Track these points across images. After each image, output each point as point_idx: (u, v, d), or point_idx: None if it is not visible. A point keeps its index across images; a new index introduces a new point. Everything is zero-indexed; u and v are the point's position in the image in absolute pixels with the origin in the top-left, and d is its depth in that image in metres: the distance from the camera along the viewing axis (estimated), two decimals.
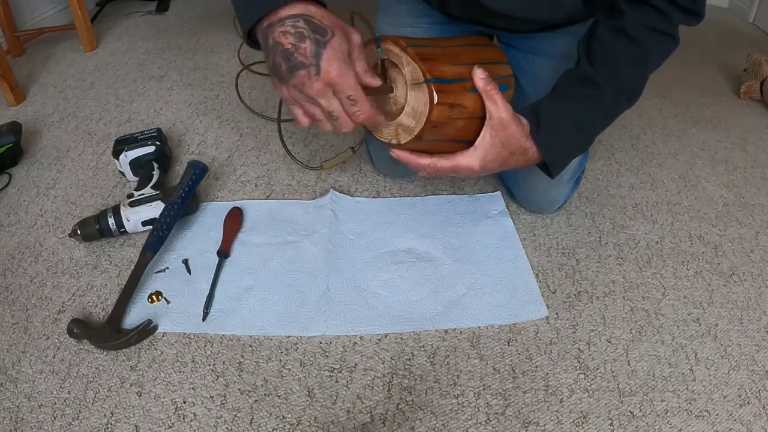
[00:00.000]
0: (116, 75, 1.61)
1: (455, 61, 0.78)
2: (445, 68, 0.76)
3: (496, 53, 0.89)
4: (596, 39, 0.80)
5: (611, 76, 0.79)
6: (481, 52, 0.86)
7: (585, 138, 0.84)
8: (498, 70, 0.85)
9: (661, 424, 0.74)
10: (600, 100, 0.80)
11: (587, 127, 0.82)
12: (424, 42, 0.79)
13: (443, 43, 0.82)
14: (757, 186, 1.19)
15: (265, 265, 0.96)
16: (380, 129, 0.81)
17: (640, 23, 0.76)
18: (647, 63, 0.80)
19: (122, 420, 0.74)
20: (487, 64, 0.80)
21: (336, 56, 0.62)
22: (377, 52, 0.78)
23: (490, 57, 0.86)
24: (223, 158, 1.24)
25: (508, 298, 0.91)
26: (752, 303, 0.92)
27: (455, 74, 0.76)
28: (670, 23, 0.77)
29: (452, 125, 0.77)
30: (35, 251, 1.00)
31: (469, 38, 0.90)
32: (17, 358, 0.82)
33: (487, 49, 0.88)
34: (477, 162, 0.77)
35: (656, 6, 0.75)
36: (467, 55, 0.81)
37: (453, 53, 0.80)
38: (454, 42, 0.85)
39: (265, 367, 0.81)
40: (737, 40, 1.90)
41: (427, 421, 0.74)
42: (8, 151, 1.19)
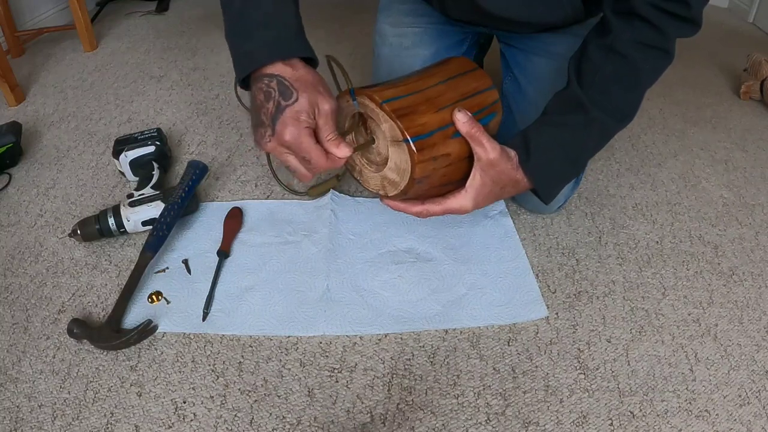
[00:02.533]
0: (116, 75, 1.61)
1: (435, 107, 0.75)
2: (425, 119, 0.74)
3: (480, 79, 0.83)
4: (586, 59, 0.78)
5: (601, 99, 0.76)
6: (463, 84, 0.81)
7: (575, 165, 0.84)
8: (483, 100, 0.82)
9: (661, 424, 0.74)
10: (589, 125, 0.78)
11: (577, 153, 0.82)
12: (400, 89, 0.76)
13: (421, 84, 0.78)
14: (757, 186, 1.19)
15: (265, 265, 0.96)
16: (367, 180, 0.82)
17: (632, 40, 0.73)
18: (639, 82, 0.78)
19: (122, 420, 0.74)
20: (471, 97, 0.79)
21: (291, 121, 0.65)
22: (354, 105, 0.77)
23: (473, 87, 0.81)
24: (223, 158, 1.24)
25: (508, 298, 0.91)
26: (752, 303, 0.92)
27: (436, 123, 0.74)
28: (663, 37, 0.74)
29: (438, 174, 0.77)
30: (35, 251, 1.00)
31: (449, 65, 0.84)
32: (17, 358, 0.82)
33: (469, 77, 0.83)
34: (469, 202, 0.78)
35: (648, 19, 0.72)
36: (448, 94, 0.78)
37: (432, 96, 0.76)
38: (432, 77, 0.80)
39: (265, 367, 0.81)
40: (737, 40, 1.90)
41: (427, 421, 0.74)
42: (8, 151, 1.19)
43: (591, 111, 0.77)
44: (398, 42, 1.10)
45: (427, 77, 0.80)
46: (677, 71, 1.65)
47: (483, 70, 0.84)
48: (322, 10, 2.03)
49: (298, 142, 0.65)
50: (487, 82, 0.83)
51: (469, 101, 0.78)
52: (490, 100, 0.82)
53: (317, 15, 1.99)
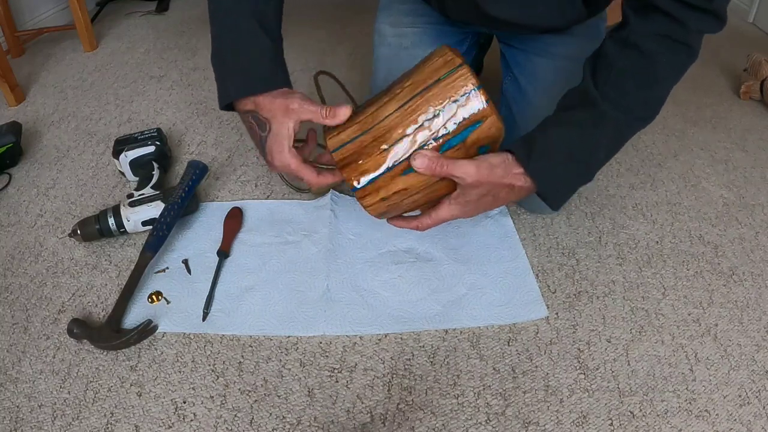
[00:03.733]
0: (116, 75, 1.61)
1: (381, 145, 0.70)
2: (368, 165, 0.70)
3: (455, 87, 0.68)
4: (602, 54, 0.72)
5: (615, 96, 0.71)
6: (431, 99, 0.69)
7: (586, 168, 0.76)
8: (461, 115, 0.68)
9: (661, 424, 0.74)
10: (600, 123, 0.72)
11: (587, 155, 0.74)
12: (355, 127, 0.71)
13: (378, 115, 0.70)
14: (757, 186, 1.19)
15: (265, 265, 0.96)
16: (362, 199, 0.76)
17: (649, 32, 0.68)
18: (656, 78, 0.72)
19: (122, 420, 0.74)
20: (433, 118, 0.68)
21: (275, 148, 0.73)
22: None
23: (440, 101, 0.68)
24: (223, 158, 1.24)
25: (508, 298, 0.91)
26: (752, 303, 0.92)
27: (378, 166, 0.70)
28: (683, 30, 0.68)
29: (403, 205, 0.75)
30: (35, 251, 1.00)
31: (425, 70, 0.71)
32: (17, 358, 0.82)
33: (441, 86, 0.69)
34: (458, 211, 0.74)
35: (666, 11, 0.66)
36: (399, 128, 0.69)
37: (380, 134, 0.70)
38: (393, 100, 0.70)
39: (265, 367, 0.81)
40: (737, 40, 1.90)
41: (427, 421, 0.74)
42: (8, 151, 1.19)
43: (602, 106, 0.71)
44: (397, 42, 1.10)
45: (388, 102, 0.71)
46: None
47: (466, 69, 0.68)
48: (322, 11, 2.03)
49: (286, 167, 0.74)
50: (464, 87, 0.68)
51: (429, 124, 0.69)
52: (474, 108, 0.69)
53: (318, 15, 1.98)
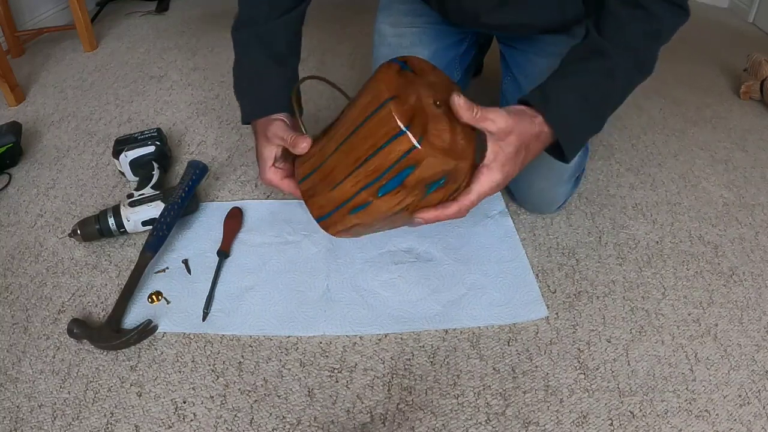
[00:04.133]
0: (116, 75, 1.61)
1: (330, 185, 0.68)
2: (323, 201, 0.70)
3: (384, 124, 0.61)
4: (608, 12, 0.75)
5: (624, 48, 0.74)
6: (367, 136, 0.63)
7: (597, 113, 0.78)
8: (384, 158, 0.62)
9: (661, 424, 0.74)
10: (611, 72, 0.74)
11: (598, 102, 0.76)
12: (313, 160, 0.70)
13: (325, 151, 0.68)
14: (757, 186, 1.19)
15: (265, 265, 0.96)
16: None
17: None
18: (660, 35, 0.76)
19: (122, 420, 0.74)
20: (366, 162, 0.64)
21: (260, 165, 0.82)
22: None
23: (371, 143, 0.63)
24: (223, 158, 1.24)
25: (508, 298, 0.91)
26: (752, 303, 0.92)
27: (332, 205, 0.69)
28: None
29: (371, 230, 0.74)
30: (35, 251, 1.00)
31: (362, 101, 0.65)
32: (17, 358, 0.82)
33: (375, 121, 0.62)
34: (500, 175, 0.68)
35: None
36: (340, 167, 0.66)
37: (327, 172, 0.68)
38: (336, 135, 0.67)
39: (265, 367, 0.81)
40: (737, 40, 1.90)
41: (427, 421, 0.74)
42: (8, 151, 1.19)
43: (613, 57, 0.73)
44: (397, 42, 1.10)
45: (331, 138, 0.68)
46: (677, 71, 1.66)
47: (393, 105, 0.60)
48: (323, 11, 2.03)
49: (268, 182, 0.82)
50: (390, 129, 0.60)
51: (364, 167, 0.64)
52: (397, 152, 0.61)
53: (318, 16, 1.98)
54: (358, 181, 0.65)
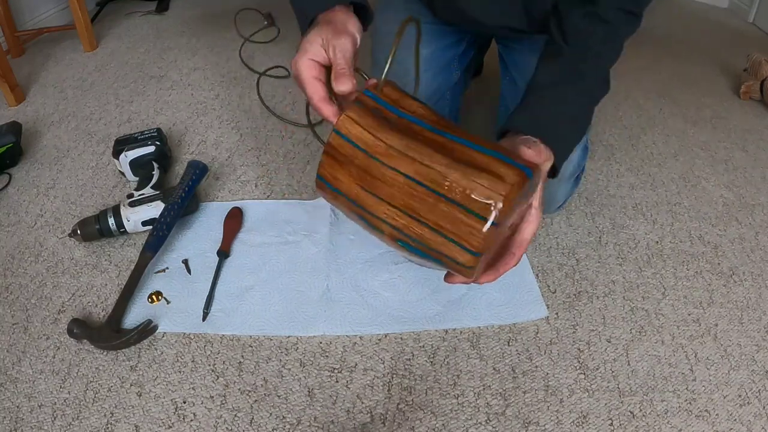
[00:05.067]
0: (116, 75, 1.61)
1: (399, 204, 0.57)
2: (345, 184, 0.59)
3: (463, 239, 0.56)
4: (573, 29, 0.78)
5: (594, 64, 0.78)
6: (439, 214, 0.56)
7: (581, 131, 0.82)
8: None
9: (661, 424, 0.74)
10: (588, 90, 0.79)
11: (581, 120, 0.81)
12: (366, 137, 0.58)
13: (392, 154, 0.57)
14: (757, 186, 1.19)
15: (265, 265, 0.96)
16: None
17: (614, 7, 0.76)
18: (621, 45, 0.80)
19: (122, 420, 0.74)
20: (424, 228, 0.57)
21: (300, 52, 0.64)
22: None
23: (446, 230, 0.56)
24: (223, 158, 1.24)
25: (508, 298, 0.90)
26: (752, 303, 0.92)
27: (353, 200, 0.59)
28: (637, 4, 0.77)
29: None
30: (35, 251, 1.00)
31: (459, 168, 0.56)
32: (17, 358, 0.82)
33: (454, 215, 0.56)
34: (540, 217, 0.69)
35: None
36: (397, 197, 0.57)
37: (379, 178, 0.58)
38: (415, 163, 0.57)
39: (265, 367, 0.81)
40: (737, 40, 1.90)
41: (427, 421, 0.74)
42: (8, 151, 1.19)
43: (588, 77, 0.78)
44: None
45: (410, 157, 0.57)
46: (677, 71, 1.66)
47: (491, 229, 0.55)
48: None
49: (297, 71, 0.65)
50: (472, 244, 0.56)
51: (415, 223, 0.57)
52: (452, 253, 0.57)
53: None
54: (395, 219, 0.58)
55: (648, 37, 1.83)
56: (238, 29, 1.83)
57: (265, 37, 1.80)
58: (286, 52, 1.71)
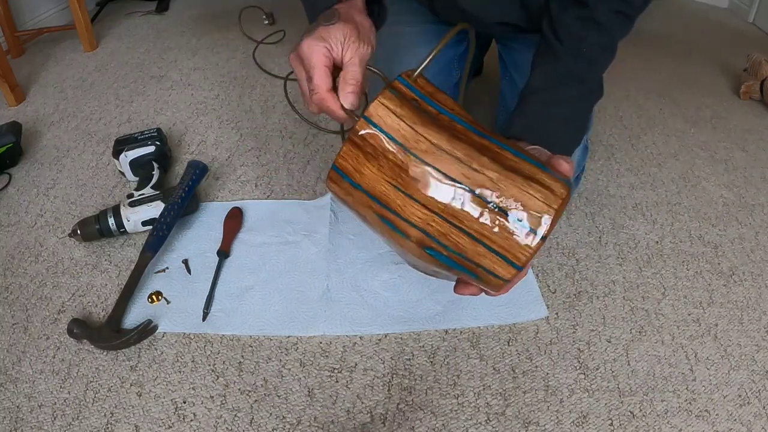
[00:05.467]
0: (116, 75, 1.61)
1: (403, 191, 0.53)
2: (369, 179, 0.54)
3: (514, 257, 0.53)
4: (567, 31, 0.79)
5: (590, 69, 0.79)
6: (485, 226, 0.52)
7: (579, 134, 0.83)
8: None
9: (661, 424, 0.74)
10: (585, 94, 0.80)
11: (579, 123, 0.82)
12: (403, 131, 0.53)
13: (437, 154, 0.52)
14: (757, 186, 1.19)
15: (265, 265, 0.96)
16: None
17: (608, 9, 0.76)
18: (615, 48, 0.80)
19: (122, 420, 0.74)
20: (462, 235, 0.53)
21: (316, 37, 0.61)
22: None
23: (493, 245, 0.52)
24: (223, 158, 1.24)
25: (508, 298, 0.90)
26: (752, 303, 0.92)
27: (401, 209, 0.53)
28: (631, 7, 0.77)
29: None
30: (35, 251, 1.00)
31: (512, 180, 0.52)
32: (17, 358, 0.82)
33: (503, 233, 0.52)
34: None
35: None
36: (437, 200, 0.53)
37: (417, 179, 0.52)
38: (461, 165, 0.52)
39: (265, 367, 0.81)
40: (737, 40, 1.90)
41: (427, 421, 0.74)
42: (8, 151, 1.19)
43: (585, 80, 0.78)
44: (394, 41, 1.10)
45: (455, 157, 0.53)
46: (677, 71, 1.66)
47: (538, 244, 0.52)
48: None
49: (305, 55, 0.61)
50: (516, 258, 0.52)
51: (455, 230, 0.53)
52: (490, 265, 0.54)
53: None
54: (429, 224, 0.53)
55: (648, 37, 1.83)
56: (243, 30, 1.83)
57: (271, 38, 1.80)
58: (286, 53, 1.71)
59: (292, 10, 1.98)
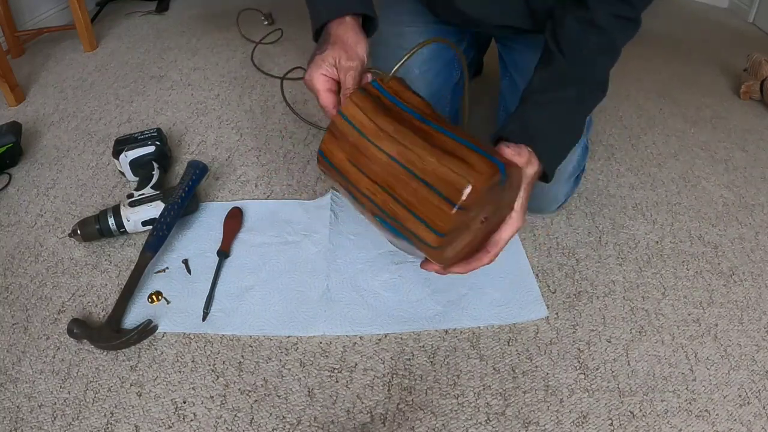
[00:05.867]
0: (116, 75, 1.61)
1: (359, 167, 0.65)
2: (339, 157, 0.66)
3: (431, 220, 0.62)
4: (567, 34, 0.80)
5: (588, 71, 0.80)
6: (413, 197, 0.62)
7: (572, 137, 0.84)
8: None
9: (661, 424, 0.74)
10: (580, 97, 0.80)
11: (572, 126, 0.83)
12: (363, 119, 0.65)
13: (380, 136, 0.64)
14: (757, 186, 1.19)
15: (265, 265, 0.96)
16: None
17: (608, 13, 0.77)
18: (616, 51, 0.81)
19: (122, 420, 0.74)
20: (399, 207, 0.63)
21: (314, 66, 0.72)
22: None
23: (418, 211, 0.62)
24: (223, 158, 1.24)
25: (508, 298, 0.90)
26: (752, 303, 0.92)
27: (344, 173, 0.66)
28: (632, 8, 0.78)
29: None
30: (35, 251, 1.00)
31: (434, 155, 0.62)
32: (17, 358, 0.82)
33: (427, 199, 0.62)
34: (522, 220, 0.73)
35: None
36: (381, 174, 0.64)
37: (368, 157, 0.64)
38: (397, 144, 0.63)
39: (265, 367, 0.81)
40: (737, 40, 1.90)
41: (427, 421, 0.74)
42: (8, 151, 1.19)
43: (581, 83, 0.79)
44: (396, 42, 1.10)
45: (393, 138, 0.64)
46: (677, 71, 1.66)
47: (457, 213, 0.60)
48: None
49: (311, 83, 0.73)
50: (437, 225, 0.61)
51: (391, 201, 0.64)
52: (418, 232, 0.63)
53: None
54: (375, 194, 0.64)
55: (648, 37, 1.83)
56: (241, 31, 1.83)
57: (268, 38, 1.80)
58: (291, 53, 1.71)
59: (291, 10, 1.98)
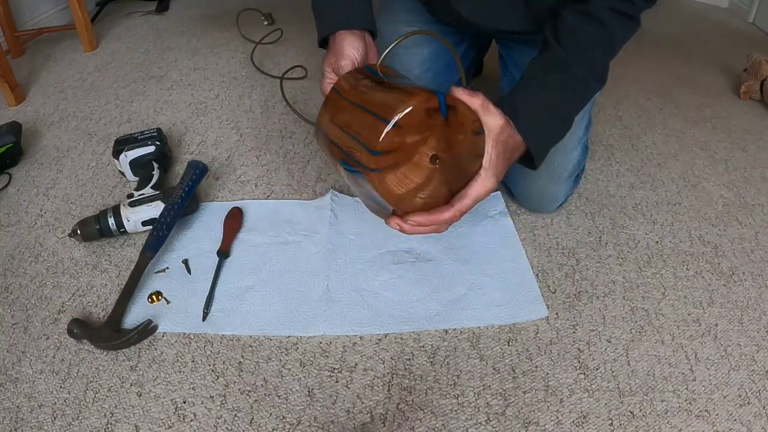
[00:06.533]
0: (116, 75, 1.61)
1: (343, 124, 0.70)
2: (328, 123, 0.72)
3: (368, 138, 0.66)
4: (563, 23, 0.81)
5: (581, 59, 0.80)
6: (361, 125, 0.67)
7: (562, 123, 0.82)
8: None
9: (661, 424, 0.74)
10: (573, 83, 0.80)
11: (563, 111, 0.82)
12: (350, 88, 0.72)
13: (363, 93, 0.71)
14: (757, 186, 1.19)
15: (265, 265, 0.96)
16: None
17: (606, 6, 0.78)
18: (613, 45, 0.82)
19: (122, 420, 0.74)
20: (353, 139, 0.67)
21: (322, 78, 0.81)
22: None
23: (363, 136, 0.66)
24: (223, 158, 1.24)
25: (508, 298, 0.91)
26: (752, 303, 0.92)
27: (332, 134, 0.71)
28: (632, 6, 0.79)
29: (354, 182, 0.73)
30: (35, 251, 1.00)
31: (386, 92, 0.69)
32: (17, 358, 0.82)
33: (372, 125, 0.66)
34: (493, 181, 0.72)
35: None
36: (352, 116, 0.70)
37: (350, 112, 0.70)
38: (372, 95, 0.70)
39: (265, 367, 0.81)
40: (737, 40, 1.90)
41: (427, 421, 0.74)
42: (8, 151, 1.19)
43: (573, 68, 0.79)
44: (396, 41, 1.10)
45: (361, 90, 0.72)
46: (677, 71, 1.66)
47: (391, 130, 0.64)
48: None
49: (322, 92, 0.78)
50: (371, 142, 0.65)
51: (345, 135, 0.69)
52: (358, 153, 0.67)
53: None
54: (339, 137, 0.71)
55: (648, 37, 1.83)
56: (241, 32, 1.83)
57: (268, 38, 1.80)
58: (291, 53, 1.72)
59: (291, 10, 1.98)
